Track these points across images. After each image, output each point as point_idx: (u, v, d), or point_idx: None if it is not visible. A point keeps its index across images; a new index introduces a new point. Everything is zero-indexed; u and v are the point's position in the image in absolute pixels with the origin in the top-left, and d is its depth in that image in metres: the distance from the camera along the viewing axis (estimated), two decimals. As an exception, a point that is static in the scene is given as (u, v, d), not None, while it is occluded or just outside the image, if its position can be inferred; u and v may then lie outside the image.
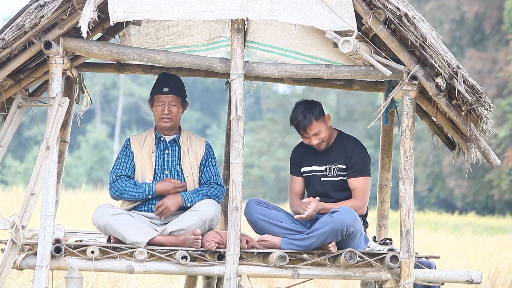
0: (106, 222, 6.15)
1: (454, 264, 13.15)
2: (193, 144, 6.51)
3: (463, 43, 39.91)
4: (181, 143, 6.49)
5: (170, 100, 6.42)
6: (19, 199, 14.56)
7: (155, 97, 6.45)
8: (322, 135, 6.38)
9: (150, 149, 6.45)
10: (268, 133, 44.91)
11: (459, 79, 5.89)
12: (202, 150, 6.51)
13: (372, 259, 6.05)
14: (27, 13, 5.77)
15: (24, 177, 40.15)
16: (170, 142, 6.49)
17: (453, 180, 36.59)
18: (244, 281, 5.92)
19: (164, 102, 6.41)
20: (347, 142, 6.44)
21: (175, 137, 6.49)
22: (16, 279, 8.82)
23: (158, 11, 5.79)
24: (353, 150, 6.39)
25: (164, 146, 6.48)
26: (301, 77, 6.44)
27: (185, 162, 6.45)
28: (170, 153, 6.46)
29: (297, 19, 5.84)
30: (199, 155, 6.49)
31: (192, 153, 6.48)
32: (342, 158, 6.39)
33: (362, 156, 6.38)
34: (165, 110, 6.41)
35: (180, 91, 6.47)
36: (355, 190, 6.36)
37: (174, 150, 6.48)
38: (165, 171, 6.42)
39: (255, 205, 6.31)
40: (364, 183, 6.36)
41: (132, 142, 6.49)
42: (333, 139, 6.47)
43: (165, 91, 6.42)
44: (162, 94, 6.42)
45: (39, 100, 6.19)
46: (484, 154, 6.16)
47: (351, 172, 6.37)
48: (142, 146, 6.46)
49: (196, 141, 6.54)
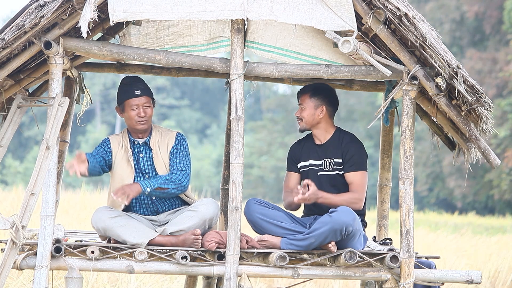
0: (105, 225, 6.14)
1: (454, 264, 13.15)
2: (163, 140, 6.41)
3: (463, 43, 39.91)
4: (152, 145, 6.41)
5: (143, 102, 6.34)
6: (19, 199, 14.56)
7: (127, 102, 6.34)
8: (303, 113, 6.41)
9: (128, 154, 6.39)
10: (268, 133, 44.92)
11: (459, 79, 5.89)
12: (172, 142, 6.42)
13: (372, 259, 6.05)
14: (27, 13, 5.77)
15: (24, 177, 40.15)
16: (143, 145, 6.41)
17: (453, 180, 36.59)
18: (244, 281, 5.92)
19: (138, 105, 6.33)
20: (344, 137, 6.45)
21: (146, 140, 6.41)
22: (16, 279, 8.82)
23: (158, 11, 5.79)
24: (350, 145, 6.39)
25: (138, 150, 6.41)
26: (301, 77, 6.44)
27: (158, 164, 6.37)
28: (144, 156, 6.40)
29: (297, 19, 5.84)
30: (170, 148, 6.43)
31: (163, 150, 6.39)
32: (338, 152, 6.39)
33: (359, 151, 6.38)
34: (141, 112, 6.32)
35: (149, 91, 6.41)
36: (352, 184, 6.36)
37: (148, 152, 6.41)
38: (146, 176, 6.38)
39: (255, 204, 6.31)
40: (361, 177, 6.35)
41: (112, 143, 6.41)
42: (330, 134, 6.47)
43: (138, 93, 6.34)
44: (134, 97, 6.33)
45: (39, 100, 6.19)
46: (484, 154, 6.16)
47: (348, 166, 6.37)
48: (120, 149, 6.39)
49: (167, 135, 6.44)
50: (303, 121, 6.43)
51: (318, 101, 6.42)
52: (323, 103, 6.43)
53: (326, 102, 6.44)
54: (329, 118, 6.49)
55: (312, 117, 6.42)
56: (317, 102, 6.42)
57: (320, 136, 6.48)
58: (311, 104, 6.42)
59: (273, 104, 47.53)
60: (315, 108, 6.42)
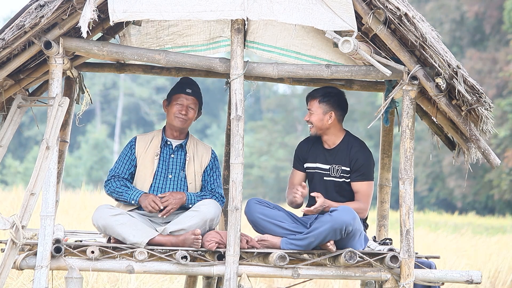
0: (105, 223, 6.15)
1: (454, 264, 13.15)
2: (199, 151, 6.52)
3: (463, 43, 39.91)
4: (187, 149, 6.50)
5: (190, 102, 6.45)
6: (19, 199, 14.56)
7: (175, 96, 6.46)
8: (312, 118, 6.40)
9: (154, 152, 6.45)
10: (268, 133, 44.92)
11: (459, 79, 5.89)
12: (208, 159, 6.52)
13: (372, 259, 6.05)
14: (27, 13, 5.77)
15: (24, 177, 40.16)
16: (177, 147, 6.49)
17: (453, 180, 36.58)
18: (244, 281, 5.92)
19: (184, 102, 6.43)
20: (353, 144, 6.42)
21: (182, 143, 6.50)
22: (16, 279, 8.82)
23: (158, 11, 5.79)
24: (359, 154, 6.37)
25: (170, 150, 6.48)
26: (301, 77, 6.44)
27: (190, 169, 6.47)
28: (175, 158, 6.46)
29: (297, 19, 5.83)
30: (204, 163, 6.50)
31: (197, 161, 6.49)
32: (347, 160, 6.38)
33: (367, 161, 6.37)
34: (183, 110, 6.43)
35: (200, 97, 6.52)
36: (358, 193, 6.36)
37: (180, 155, 6.48)
38: (169, 175, 6.42)
39: (256, 204, 6.31)
40: (367, 187, 6.36)
41: (137, 142, 6.49)
42: (340, 139, 6.45)
43: (188, 91, 6.46)
44: (184, 94, 6.45)
45: (39, 100, 6.19)
46: (484, 154, 6.16)
47: (356, 176, 6.36)
48: (146, 148, 6.46)
49: (202, 148, 6.55)
50: (314, 127, 6.42)
51: (327, 107, 6.39)
52: (332, 109, 6.39)
53: (335, 108, 6.40)
54: (338, 123, 6.45)
55: (321, 122, 6.40)
56: (326, 107, 6.39)
57: (329, 141, 6.46)
58: (319, 110, 6.39)
59: (273, 104, 47.53)
60: (324, 114, 6.39)
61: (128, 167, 6.44)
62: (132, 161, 6.45)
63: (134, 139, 6.52)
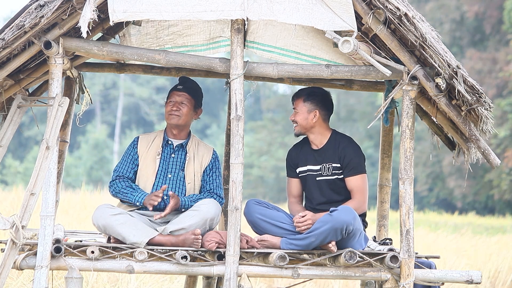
0: (106, 223, 6.15)
1: (454, 264, 13.16)
2: (199, 151, 6.53)
3: (463, 43, 39.91)
4: (188, 149, 6.51)
5: (182, 98, 6.46)
6: (19, 199, 14.56)
7: (169, 95, 6.53)
8: (297, 117, 6.42)
9: (156, 151, 6.47)
10: (268, 133, 44.91)
11: (459, 79, 5.89)
12: (208, 159, 6.53)
13: (372, 259, 6.05)
14: (27, 13, 5.77)
15: (24, 177, 40.15)
16: (178, 147, 6.50)
17: (453, 180, 36.58)
18: (244, 281, 5.92)
19: (176, 99, 6.46)
20: (340, 140, 6.44)
21: (183, 142, 6.51)
22: (16, 279, 8.82)
23: (158, 11, 5.79)
24: (347, 149, 6.39)
25: (171, 150, 6.49)
26: (301, 77, 6.44)
27: (189, 169, 6.47)
28: (175, 158, 6.48)
29: (297, 19, 5.84)
30: (204, 163, 6.51)
31: (198, 161, 6.50)
32: (336, 157, 6.40)
33: (356, 154, 6.38)
34: (175, 106, 6.45)
35: (194, 93, 6.51)
36: (353, 190, 6.37)
37: (180, 155, 6.49)
38: (168, 175, 6.43)
39: (255, 205, 6.31)
40: (361, 181, 6.37)
41: (140, 142, 6.52)
42: (327, 138, 6.47)
43: (179, 88, 6.49)
44: (175, 91, 6.49)
45: (39, 100, 6.19)
46: (484, 154, 6.16)
47: (348, 171, 6.37)
48: (148, 148, 6.49)
49: (204, 148, 6.56)
50: (298, 125, 6.44)
51: (311, 106, 6.41)
52: (317, 108, 6.42)
53: (320, 107, 6.43)
54: (324, 122, 6.47)
55: (305, 121, 6.42)
56: (311, 106, 6.41)
57: (316, 141, 6.48)
58: (304, 108, 6.42)
59: (273, 104, 47.52)
60: (308, 113, 6.42)
61: (132, 166, 6.47)
62: (135, 160, 6.47)
63: (137, 138, 6.55)
